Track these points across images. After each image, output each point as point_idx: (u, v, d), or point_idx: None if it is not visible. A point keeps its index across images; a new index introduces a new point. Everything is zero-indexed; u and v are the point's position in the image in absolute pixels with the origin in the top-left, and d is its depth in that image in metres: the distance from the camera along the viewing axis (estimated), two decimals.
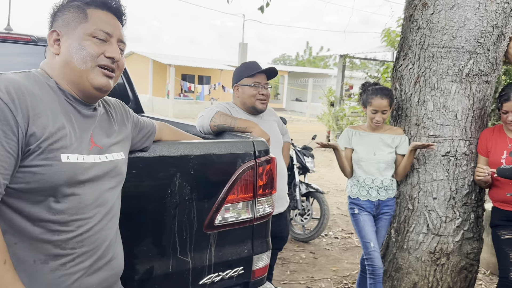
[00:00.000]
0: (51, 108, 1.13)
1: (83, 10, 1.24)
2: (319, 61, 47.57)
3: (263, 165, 1.91)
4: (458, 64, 2.69)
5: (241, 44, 14.91)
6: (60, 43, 1.22)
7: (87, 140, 1.21)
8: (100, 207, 1.23)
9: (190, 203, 1.71)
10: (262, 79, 2.58)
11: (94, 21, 1.23)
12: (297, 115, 26.48)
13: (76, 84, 1.22)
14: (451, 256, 2.84)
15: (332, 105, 13.01)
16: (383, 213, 2.88)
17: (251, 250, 1.93)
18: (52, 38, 1.23)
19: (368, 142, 2.84)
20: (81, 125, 1.21)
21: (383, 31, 10.33)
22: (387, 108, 2.72)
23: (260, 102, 2.56)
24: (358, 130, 2.91)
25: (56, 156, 1.10)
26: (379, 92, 2.72)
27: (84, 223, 1.19)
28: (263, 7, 4.73)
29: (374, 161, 2.80)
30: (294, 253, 4.38)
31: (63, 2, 1.27)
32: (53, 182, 1.10)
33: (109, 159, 1.27)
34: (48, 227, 1.13)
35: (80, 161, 1.16)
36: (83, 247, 1.20)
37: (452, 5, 2.63)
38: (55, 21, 1.25)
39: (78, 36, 1.21)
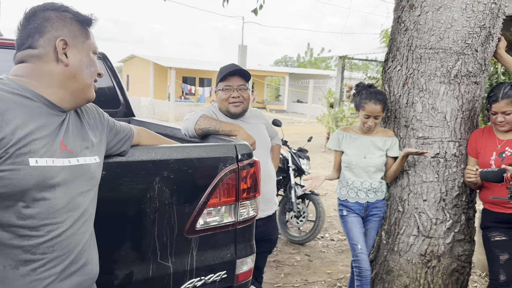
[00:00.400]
0: (22, 114, 1.13)
1: (85, 26, 1.30)
2: (320, 62, 47.58)
3: (246, 168, 1.90)
4: (446, 65, 2.68)
5: (241, 46, 14.91)
6: (68, 54, 1.24)
7: (57, 144, 1.21)
8: (71, 211, 1.23)
9: (170, 208, 1.71)
10: (234, 82, 2.52)
11: (93, 39, 1.33)
12: (298, 117, 26.46)
13: (74, 95, 1.27)
14: (442, 258, 2.82)
15: (331, 106, 12.98)
16: (372, 215, 2.87)
17: (234, 254, 1.93)
18: (61, 46, 1.23)
19: (359, 145, 2.82)
20: (52, 130, 1.21)
21: (381, 32, 10.33)
22: (380, 113, 2.70)
23: (233, 105, 2.51)
24: (349, 132, 2.89)
25: (24, 160, 1.10)
26: (373, 97, 2.68)
27: (55, 228, 1.19)
28: (257, 9, 4.73)
29: (364, 164, 2.79)
30: (289, 255, 4.36)
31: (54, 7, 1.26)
32: (22, 186, 1.10)
33: (81, 162, 1.27)
34: (18, 232, 1.13)
35: (50, 165, 1.15)
36: (54, 252, 1.19)
37: (439, 6, 2.62)
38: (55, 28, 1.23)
39: (87, 52, 1.29)
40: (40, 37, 1.22)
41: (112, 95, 3.38)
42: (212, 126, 2.24)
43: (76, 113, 1.36)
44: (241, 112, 2.56)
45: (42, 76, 1.22)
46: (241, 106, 2.54)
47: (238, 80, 2.53)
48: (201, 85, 27.19)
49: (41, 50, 1.22)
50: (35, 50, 1.22)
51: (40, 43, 1.22)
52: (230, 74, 2.51)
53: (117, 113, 3.39)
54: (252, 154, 1.94)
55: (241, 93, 2.53)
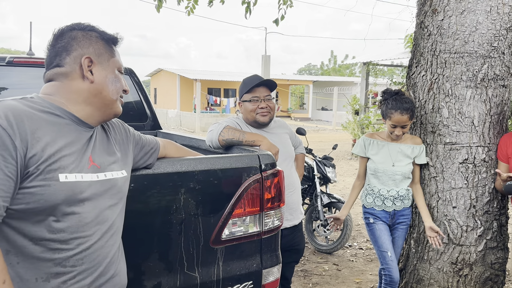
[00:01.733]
0: (52, 131, 1.18)
1: (110, 45, 1.36)
2: (344, 69, 47.27)
3: (270, 178, 1.91)
4: (472, 69, 2.63)
5: (264, 56, 15.00)
6: (93, 71, 1.28)
7: (86, 159, 1.25)
8: (100, 224, 1.27)
9: (196, 218, 1.74)
10: (261, 93, 2.56)
11: (118, 57, 1.38)
12: (323, 124, 26.32)
13: (101, 110, 1.32)
14: (474, 266, 2.75)
15: (357, 113, 12.86)
16: (399, 223, 2.82)
17: (260, 264, 1.94)
18: (86, 64, 1.27)
19: (387, 152, 2.76)
20: (81, 146, 1.25)
21: (406, 37, 10.21)
22: (407, 122, 2.63)
23: (261, 115, 2.55)
24: (376, 139, 2.82)
25: (54, 176, 1.14)
26: (399, 107, 2.60)
27: (84, 241, 1.23)
28: (278, 20, 4.77)
29: (391, 172, 2.73)
30: (317, 265, 4.33)
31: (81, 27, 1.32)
32: (52, 201, 1.14)
33: (108, 177, 1.31)
34: (49, 246, 1.17)
35: (79, 180, 1.20)
36: (84, 264, 1.23)
37: (463, 9, 2.59)
38: (81, 47, 1.28)
39: (112, 69, 1.34)
40: (66, 56, 1.27)
41: (139, 109, 3.47)
42: (236, 137, 2.27)
43: (103, 128, 1.41)
44: (269, 121, 2.60)
45: (70, 93, 1.27)
46: (268, 115, 2.58)
47: (264, 91, 2.57)
48: (226, 96, 27.44)
49: (67, 68, 1.27)
50: (62, 68, 1.27)
51: (67, 61, 1.27)
52: (256, 86, 2.55)
53: (144, 127, 3.47)
54: (275, 164, 1.95)
55: (268, 103, 2.57)
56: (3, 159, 1.07)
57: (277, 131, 2.69)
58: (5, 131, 1.08)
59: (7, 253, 1.13)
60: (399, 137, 2.71)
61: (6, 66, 2.90)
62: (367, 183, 2.88)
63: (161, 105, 29.56)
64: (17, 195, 1.11)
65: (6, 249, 1.13)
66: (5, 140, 1.07)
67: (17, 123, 1.11)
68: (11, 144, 1.08)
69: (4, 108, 1.12)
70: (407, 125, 2.65)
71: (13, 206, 1.11)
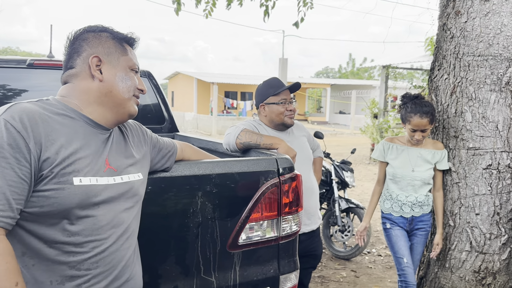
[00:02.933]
0: (66, 134, 1.17)
1: (121, 43, 1.34)
2: (362, 72, 46.92)
3: (288, 182, 1.89)
4: (496, 72, 2.56)
5: (281, 59, 14.98)
6: (102, 70, 1.27)
7: (102, 162, 1.24)
8: (115, 228, 1.26)
9: (213, 222, 1.72)
10: (287, 95, 2.59)
11: (131, 55, 1.36)
12: (340, 128, 26.13)
13: (113, 111, 1.29)
14: (498, 275, 2.66)
15: (375, 117, 12.72)
16: (418, 229, 2.75)
17: (277, 270, 1.91)
18: (94, 63, 1.27)
19: (406, 157, 2.70)
20: (97, 148, 1.24)
21: (426, 39, 10.06)
22: (427, 126, 2.57)
23: (288, 117, 2.58)
24: (396, 143, 2.76)
25: (68, 179, 1.13)
26: (419, 110, 2.55)
27: (99, 244, 1.22)
28: (298, 22, 4.74)
29: (410, 178, 2.67)
30: (335, 271, 4.27)
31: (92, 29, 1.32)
32: (66, 205, 1.13)
33: (125, 180, 1.30)
34: (64, 249, 1.16)
35: (93, 183, 1.19)
36: (98, 268, 1.22)
37: (487, 11, 2.52)
38: (90, 47, 1.28)
39: (122, 67, 1.31)
40: (77, 57, 1.28)
41: (157, 112, 3.48)
42: (253, 140, 2.25)
43: (120, 131, 1.39)
44: (293, 124, 2.64)
45: (81, 93, 1.26)
46: (293, 117, 2.62)
47: (289, 94, 2.62)
48: (243, 99, 27.50)
49: (78, 69, 1.27)
50: (73, 69, 1.28)
51: (77, 62, 1.28)
52: (285, 88, 2.59)
53: (162, 129, 3.48)
54: (293, 167, 1.92)
55: (293, 105, 2.62)
56: (17, 162, 1.07)
57: (295, 134, 2.68)
58: (19, 134, 1.08)
59: (22, 255, 1.13)
60: (420, 141, 2.64)
61: (27, 69, 2.94)
62: (385, 188, 2.82)
63: (178, 108, 29.78)
64: (31, 198, 1.11)
65: (21, 251, 1.13)
66: (19, 142, 1.07)
67: (31, 125, 1.11)
68: (25, 146, 1.08)
69: (18, 110, 1.12)
70: (427, 129, 2.59)
71: (27, 209, 1.11)
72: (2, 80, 2.93)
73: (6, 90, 2.97)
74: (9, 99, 2.97)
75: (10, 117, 1.09)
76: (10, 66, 2.95)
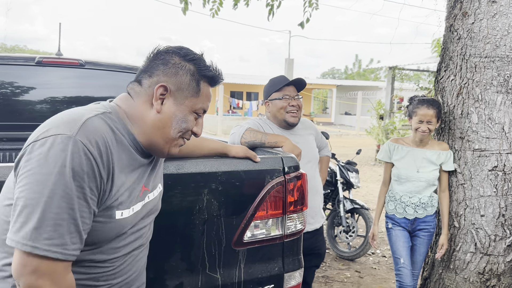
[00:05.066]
0: (119, 162, 1.11)
1: (198, 82, 1.21)
2: (369, 73, 46.80)
3: (294, 181, 1.90)
4: (503, 74, 2.55)
5: (287, 59, 14.98)
6: (164, 102, 1.18)
7: (139, 188, 1.20)
8: (136, 240, 1.24)
9: (218, 220, 1.73)
10: (291, 91, 2.54)
11: (202, 98, 1.23)
12: (346, 129, 26.07)
13: (154, 144, 1.20)
14: (503, 277, 2.66)
15: (381, 118, 12.69)
16: (420, 230, 2.75)
17: (282, 268, 1.92)
18: (159, 92, 1.16)
19: (411, 158, 2.70)
20: (138, 176, 1.20)
21: (433, 41, 10.02)
22: (433, 118, 2.59)
23: (290, 115, 2.51)
24: (401, 144, 2.77)
25: (112, 214, 1.09)
26: (426, 102, 2.61)
27: (121, 259, 1.20)
28: (303, 23, 4.75)
29: (415, 179, 2.68)
30: (339, 271, 4.27)
31: (181, 54, 1.21)
32: (104, 238, 1.11)
33: (155, 195, 1.29)
34: (86, 264, 1.13)
35: (130, 215, 1.16)
36: (116, 279, 1.20)
37: (494, 13, 2.52)
38: (165, 74, 1.18)
39: (185, 109, 1.20)
40: (149, 77, 1.18)
41: None
42: (258, 138, 2.26)
43: None
44: (297, 122, 2.58)
45: (138, 117, 1.17)
46: (297, 115, 2.55)
47: (293, 90, 2.56)
48: (249, 99, 27.50)
49: (143, 89, 1.18)
50: (140, 87, 1.19)
51: (147, 82, 1.18)
52: (286, 85, 2.54)
53: None
54: (299, 166, 1.93)
55: (297, 101, 2.55)
56: (90, 192, 1.00)
57: (302, 132, 2.66)
58: (95, 161, 1.00)
59: None
60: (425, 134, 2.63)
61: (36, 66, 2.97)
62: (389, 189, 2.83)
63: None
64: None
65: None
66: (95, 170, 1.00)
67: (105, 152, 1.04)
68: (99, 175, 1.02)
69: (93, 132, 1.03)
70: (432, 122, 2.60)
71: None
72: (11, 78, 2.96)
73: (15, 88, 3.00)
74: (17, 96, 3.00)
75: (87, 140, 1.00)
76: (19, 63, 2.98)
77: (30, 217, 0.94)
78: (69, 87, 3.10)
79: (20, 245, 0.94)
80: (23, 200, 0.95)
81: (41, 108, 3.06)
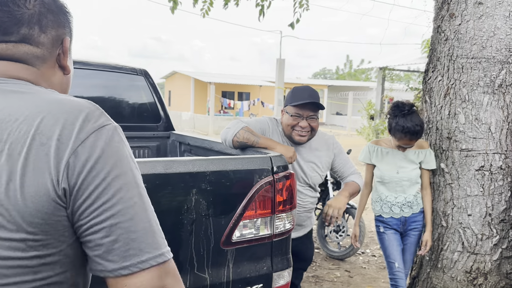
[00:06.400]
0: None
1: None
2: (360, 74, 47.07)
3: (282, 180, 1.91)
4: (489, 74, 2.59)
5: (279, 60, 15.01)
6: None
7: None
8: None
9: (207, 219, 1.74)
10: (305, 112, 2.36)
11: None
12: (337, 129, 26.17)
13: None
14: (489, 276, 2.69)
15: (372, 118, 12.78)
16: (411, 229, 2.77)
17: (270, 267, 1.93)
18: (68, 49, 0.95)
19: (391, 159, 2.74)
20: None
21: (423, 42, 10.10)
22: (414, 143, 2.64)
23: (297, 133, 2.38)
24: (381, 145, 2.80)
25: None
26: (408, 135, 2.53)
27: None
28: (293, 23, 4.77)
29: (397, 179, 2.71)
30: (329, 271, 4.29)
31: None
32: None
33: None
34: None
35: None
36: None
37: (481, 14, 2.55)
38: (58, 24, 0.90)
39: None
40: (41, 32, 0.86)
41: (153, 111, 3.50)
42: (250, 141, 2.23)
43: None
44: (306, 141, 2.43)
45: (51, 87, 0.89)
46: (308, 135, 2.41)
47: (310, 111, 2.38)
48: (240, 99, 27.49)
49: (44, 51, 0.87)
50: (37, 49, 0.87)
51: (42, 40, 0.87)
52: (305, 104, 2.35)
53: (157, 128, 3.50)
54: (288, 166, 1.95)
55: (310, 122, 2.38)
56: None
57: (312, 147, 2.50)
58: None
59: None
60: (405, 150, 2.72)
61: None
62: (374, 190, 2.85)
63: (175, 108, 29.75)
64: None
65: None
66: None
67: None
68: None
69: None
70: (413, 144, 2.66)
71: None
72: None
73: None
74: None
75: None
76: None
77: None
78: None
79: (150, 262, 0.76)
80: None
81: None
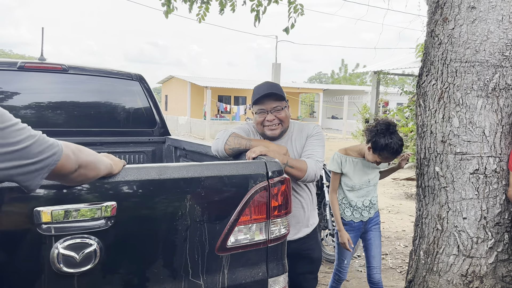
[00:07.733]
0: None
1: None
2: (355, 78, 47.20)
3: (277, 185, 1.90)
4: (483, 78, 2.60)
5: (274, 64, 15.04)
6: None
7: None
8: None
9: (201, 225, 1.73)
10: (268, 104, 2.36)
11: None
12: (333, 133, 26.21)
13: None
14: (485, 279, 2.69)
15: (367, 122, 12.81)
16: (372, 225, 3.03)
17: (266, 273, 1.92)
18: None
19: (361, 168, 2.93)
20: None
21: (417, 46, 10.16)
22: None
23: (269, 128, 2.39)
24: (350, 155, 2.97)
25: None
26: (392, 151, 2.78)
27: None
28: (288, 28, 4.78)
29: (366, 185, 2.93)
30: (325, 274, 4.28)
31: None
32: None
33: None
34: None
35: None
36: None
37: (474, 18, 2.56)
38: None
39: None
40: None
41: (148, 115, 3.49)
42: (242, 144, 2.24)
43: None
44: (279, 134, 2.43)
45: None
46: (279, 128, 2.40)
47: (273, 102, 2.36)
48: (236, 103, 27.52)
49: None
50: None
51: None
52: (263, 97, 2.35)
53: (153, 132, 3.49)
54: (282, 171, 1.94)
55: (277, 114, 2.37)
56: None
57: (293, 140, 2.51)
58: None
59: None
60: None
61: (18, 71, 2.93)
62: (342, 197, 2.99)
63: (172, 112, 29.72)
64: None
65: None
66: None
67: None
68: None
69: None
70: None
71: None
72: None
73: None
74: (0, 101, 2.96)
75: None
76: (1, 68, 2.94)
77: None
78: (52, 92, 3.07)
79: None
80: None
81: (24, 113, 3.01)
